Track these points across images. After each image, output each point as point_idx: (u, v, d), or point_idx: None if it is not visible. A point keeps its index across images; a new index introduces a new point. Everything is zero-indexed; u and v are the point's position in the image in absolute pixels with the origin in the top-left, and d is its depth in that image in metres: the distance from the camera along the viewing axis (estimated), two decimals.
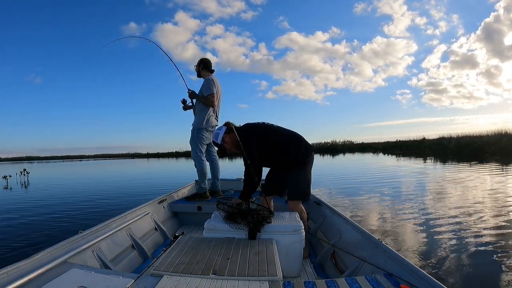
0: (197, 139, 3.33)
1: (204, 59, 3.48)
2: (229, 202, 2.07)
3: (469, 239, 3.25)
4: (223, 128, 2.27)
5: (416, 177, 9.21)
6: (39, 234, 4.05)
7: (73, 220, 4.90)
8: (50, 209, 6.00)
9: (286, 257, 1.77)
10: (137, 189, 9.13)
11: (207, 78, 3.34)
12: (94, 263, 1.74)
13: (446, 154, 19.32)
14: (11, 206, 6.77)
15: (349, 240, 1.99)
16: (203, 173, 3.34)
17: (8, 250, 3.35)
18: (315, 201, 2.94)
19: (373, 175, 10.20)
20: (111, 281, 1.27)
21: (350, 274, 1.68)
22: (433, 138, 25.61)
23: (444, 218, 4.16)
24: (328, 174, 11.02)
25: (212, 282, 1.25)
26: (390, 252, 1.49)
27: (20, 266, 1.30)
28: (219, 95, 3.44)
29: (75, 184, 11.93)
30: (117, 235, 2.12)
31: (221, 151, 2.37)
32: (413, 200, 5.51)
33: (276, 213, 2.06)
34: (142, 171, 20.30)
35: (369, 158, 22.07)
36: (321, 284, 1.29)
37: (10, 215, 5.59)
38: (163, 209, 3.05)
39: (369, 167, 14.53)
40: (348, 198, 5.98)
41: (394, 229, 3.76)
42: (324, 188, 7.39)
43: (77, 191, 9.27)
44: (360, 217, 4.42)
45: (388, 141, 35.16)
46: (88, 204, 6.52)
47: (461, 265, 2.60)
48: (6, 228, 4.53)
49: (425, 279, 1.19)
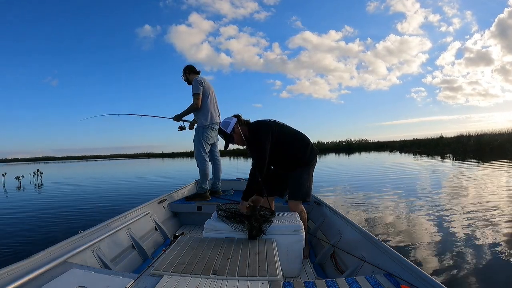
0: (202, 138, 3.31)
1: (188, 66, 3.51)
2: (232, 208, 2.03)
3: (472, 239, 3.24)
4: (234, 119, 2.19)
5: (435, 175, 9.05)
6: (40, 234, 4.06)
7: (76, 219, 4.91)
8: (55, 209, 6.04)
9: (286, 257, 1.77)
10: (146, 189, 9.10)
11: (194, 79, 3.34)
12: (94, 263, 1.74)
13: (466, 153, 18.71)
14: (17, 206, 6.79)
15: (349, 240, 1.99)
16: (206, 173, 3.32)
17: (8, 250, 3.35)
18: (315, 201, 2.94)
19: (392, 174, 10.02)
20: (111, 281, 1.27)
21: (350, 274, 1.68)
22: (451, 136, 25.14)
23: (458, 216, 4.13)
24: (344, 173, 10.94)
25: (212, 282, 1.25)
26: (390, 252, 1.49)
27: (20, 266, 1.30)
28: (213, 94, 3.43)
29: (84, 185, 11.92)
30: (117, 235, 2.11)
31: (226, 141, 2.25)
32: (427, 199, 5.45)
33: (276, 213, 2.06)
34: (154, 170, 20.39)
35: (386, 157, 21.61)
36: (321, 284, 1.29)
37: (13, 215, 5.60)
38: (163, 209, 3.05)
39: (388, 166, 14.01)
40: (362, 196, 5.97)
41: (406, 229, 3.72)
42: (339, 186, 7.38)
43: (85, 192, 9.29)
44: (373, 217, 4.37)
45: (404, 140, 34.68)
46: (93, 203, 6.54)
47: (461, 265, 2.59)
48: (6, 227, 4.53)
49: (425, 279, 1.19)
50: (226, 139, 2.23)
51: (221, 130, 2.22)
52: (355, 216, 4.44)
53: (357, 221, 3.78)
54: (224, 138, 2.24)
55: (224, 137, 2.24)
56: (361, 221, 4.16)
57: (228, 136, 2.19)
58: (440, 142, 24.87)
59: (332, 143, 39.72)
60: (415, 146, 28.10)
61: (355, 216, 4.42)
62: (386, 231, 3.68)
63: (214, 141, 3.48)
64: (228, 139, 2.22)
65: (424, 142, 28.19)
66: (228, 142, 2.25)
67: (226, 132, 2.18)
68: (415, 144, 29.28)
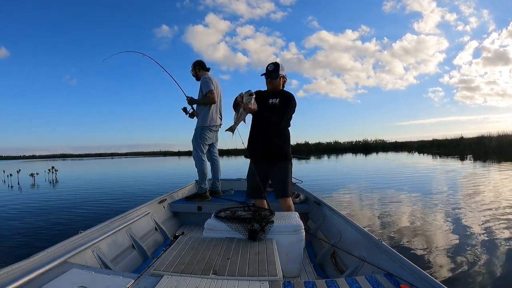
0: (200, 139, 3.31)
1: (198, 61, 3.48)
2: (232, 209, 2.04)
3: (475, 240, 3.24)
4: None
5: (467, 180, 8.52)
6: (43, 233, 4.06)
7: (82, 219, 4.91)
8: (62, 207, 6.06)
9: (286, 257, 1.77)
10: (157, 187, 9.09)
11: (203, 77, 3.33)
12: (94, 263, 1.74)
13: (487, 154, 18.40)
14: (23, 204, 6.77)
15: (349, 240, 1.99)
16: (204, 173, 3.34)
17: (7, 250, 3.35)
18: (315, 201, 2.94)
19: (419, 176, 9.75)
20: (111, 281, 1.27)
21: (350, 274, 1.68)
22: (472, 137, 24.66)
23: (477, 217, 4.11)
24: (364, 174, 10.87)
25: (212, 282, 1.25)
26: (390, 252, 1.49)
27: (20, 266, 1.30)
28: (220, 93, 3.42)
29: (98, 182, 11.92)
30: (117, 235, 2.11)
31: (269, 75, 2.28)
32: (450, 201, 5.34)
33: (276, 213, 2.06)
34: (168, 168, 20.41)
35: (404, 157, 21.22)
36: (321, 284, 1.29)
37: (17, 214, 5.59)
38: (163, 209, 3.05)
39: (414, 168, 13.30)
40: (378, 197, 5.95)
41: (420, 231, 3.68)
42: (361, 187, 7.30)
43: (96, 189, 9.31)
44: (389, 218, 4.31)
45: (422, 140, 34.49)
46: (101, 202, 6.57)
47: (462, 266, 2.59)
48: (6, 227, 4.52)
49: (425, 279, 1.19)
50: (271, 74, 2.27)
51: (269, 72, 2.28)
52: (373, 218, 4.34)
53: (379, 224, 3.79)
54: (269, 74, 2.29)
55: (269, 73, 2.28)
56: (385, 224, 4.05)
57: (275, 77, 2.28)
58: (460, 143, 24.44)
59: (349, 143, 39.77)
60: (434, 146, 27.69)
61: (374, 219, 4.31)
62: (402, 234, 3.58)
63: (212, 141, 3.47)
64: (272, 78, 2.28)
65: (444, 142, 27.72)
66: (269, 77, 2.29)
67: (274, 73, 2.26)
68: (434, 144, 28.90)
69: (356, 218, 4.30)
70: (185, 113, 3.55)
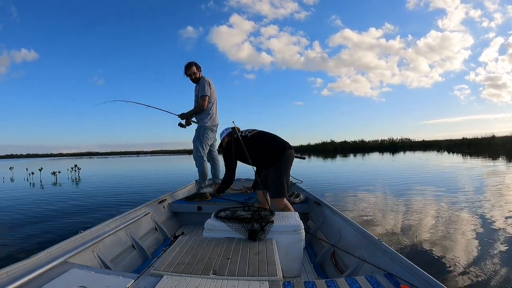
0: (202, 138, 3.33)
1: (194, 62, 3.41)
2: (232, 209, 2.07)
3: (477, 239, 3.24)
4: (229, 130, 2.73)
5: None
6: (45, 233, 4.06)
7: (88, 219, 4.90)
8: (74, 206, 6.08)
9: (286, 257, 1.77)
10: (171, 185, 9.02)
11: (202, 79, 3.34)
12: (94, 263, 1.74)
13: None
14: (35, 203, 6.74)
15: (349, 240, 1.99)
16: (204, 173, 3.35)
17: (8, 250, 3.35)
18: (315, 201, 2.94)
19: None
20: (111, 281, 1.27)
21: (350, 274, 1.68)
22: (505, 136, 23.64)
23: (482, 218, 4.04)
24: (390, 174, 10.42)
25: (212, 282, 1.25)
26: (390, 252, 1.49)
27: (20, 266, 1.30)
28: (215, 97, 3.44)
29: (118, 179, 11.92)
30: (117, 235, 2.12)
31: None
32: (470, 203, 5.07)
33: (276, 213, 2.06)
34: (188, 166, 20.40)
35: (435, 157, 19.95)
36: (321, 284, 1.29)
37: (22, 213, 5.58)
38: (163, 209, 3.05)
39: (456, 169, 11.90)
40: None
41: (443, 230, 3.61)
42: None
43: (114, 188, 9.25)
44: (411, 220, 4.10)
45: (450, 139, 33.46)
46: (115, 200, 6.59)
47: (462, 266, 2.59)
48: (7, 227, 4.52)
49: (425, 279, 1.19)
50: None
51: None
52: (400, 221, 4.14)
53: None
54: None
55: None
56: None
57: (221, 143, 2.80)
58: (492, 142, 23.42)
59: (375, 142, 39.26)
60: (464, 145, 26.46)
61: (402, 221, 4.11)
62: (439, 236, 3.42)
63: (213, 141, 3.50)
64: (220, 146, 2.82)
65: (474, 141, 26.43)
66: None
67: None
68: (464, 143, 27.76)
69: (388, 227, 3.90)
70: (183, 127, 3.61)
